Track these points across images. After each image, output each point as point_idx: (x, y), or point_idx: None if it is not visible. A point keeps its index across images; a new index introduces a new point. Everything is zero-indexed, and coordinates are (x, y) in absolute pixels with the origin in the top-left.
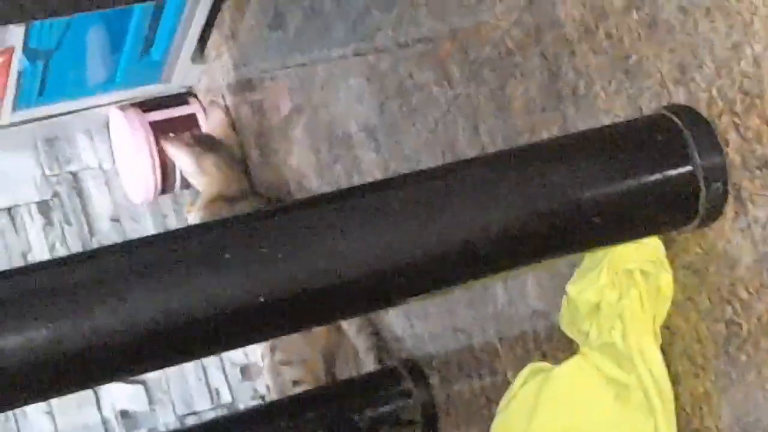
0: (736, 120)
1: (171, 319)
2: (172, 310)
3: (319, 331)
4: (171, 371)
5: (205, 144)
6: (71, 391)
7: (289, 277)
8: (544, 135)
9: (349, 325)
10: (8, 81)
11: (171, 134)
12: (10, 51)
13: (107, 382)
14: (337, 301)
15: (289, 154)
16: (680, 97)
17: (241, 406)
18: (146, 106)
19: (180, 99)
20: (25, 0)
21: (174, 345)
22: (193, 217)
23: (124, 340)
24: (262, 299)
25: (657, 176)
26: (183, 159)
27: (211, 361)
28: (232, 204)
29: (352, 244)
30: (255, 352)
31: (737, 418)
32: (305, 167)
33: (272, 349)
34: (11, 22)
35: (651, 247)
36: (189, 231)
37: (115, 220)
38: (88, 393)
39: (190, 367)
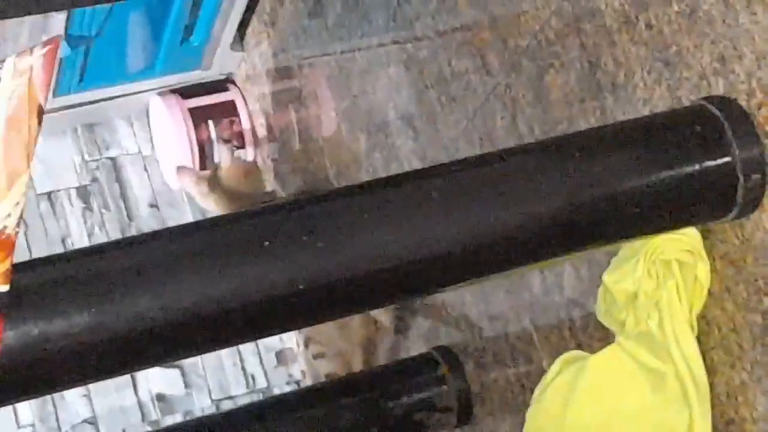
0: None
1: (210, 305)
2: (211, 297)
3: (357, 323)
4: (207, 356)
5: (212, 183)
6: (111, 376)
7: (328, 264)
8: (583, 125)
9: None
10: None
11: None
12: (57, 39)
13: (147, 368)
14: (376, 289)
15: (328, 142)
16: (720, 89)
17: (276, 391)
18: (185, 92)
19: (219, 86)
20: None
21: (213, 332)
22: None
23: (164, 326)
24: (301, 286)
25: (695, 167)
26: (190, 190)
27: (246, 347)
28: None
29: (391, 233)
30: (291, 338)
31: None
32: (344, 155)
33: (306, 343)
34: (56, 9)
35: (688, 237)
36: (229, 219)
37: (154, 205)
38: (125, 377)
39: (226, 352)
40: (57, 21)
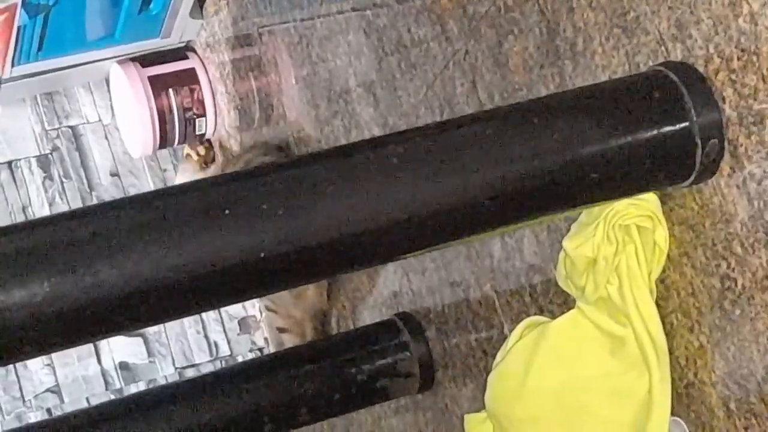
0: (733, 77)
1: (171, 274)
2: (172, 266)
3: (308, 291)
4: (170, 324)
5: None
6: (73, 345)
7: (288, 232)
8: (542, 91)
9: None
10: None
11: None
12: (12, 8)
13: (108, 337)
14: (337, 256)
15: (288, 109)
16: (677, 54)
17: (240, 359)
18: (145, 60)
19: (179, 54)
20: None
21: (173, 300)
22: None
23: (124, 295)
24: (262, 254)
25: (654, 133)
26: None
27: (209, 315)
28: None
29: (351, 200)
30: (254, 306)
31: (731, 371)
32: (304, 122)
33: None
34: None
35: (647, 202)
36: (189, 187)
37: (114, 174)
38: (87, 346)
39: (189, 320)
40: None
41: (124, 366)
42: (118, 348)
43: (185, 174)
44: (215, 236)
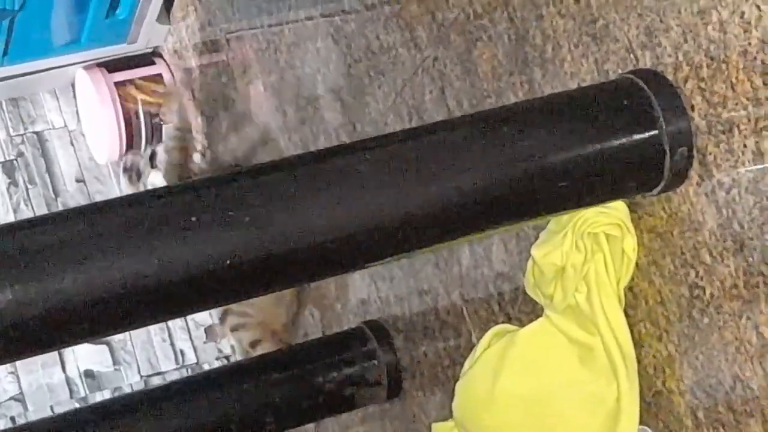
0: (702, 85)
1: (137, 282)
2: (138, 273)
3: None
4: (135, 332)
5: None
6: (36, 354)
7: (256, 240)
8: (511, 99)
9: None
10: None
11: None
12: None
13: (72, 345)
14: (305, 264)
15: (256, 115)
16: (647, 62)
17: (206, 367)
18: (112, 66)
19: (146, 59)
20: None
21: (140, 308)
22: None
23: (89, 303)
24: (228, 262)
25: (623, 141)
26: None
27: (175, 322)
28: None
29: (319, 208)
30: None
31: (699, 380)
32: (272, 129)
33: (223, 317)
34: None
35: (616, 210)
36: (155, 194)
37: (80, 180)
38: (52, 353)
39: (154, 328)
40: None
41: (89, 374)
42: (83, 356)
43: None
44: (181, 244)
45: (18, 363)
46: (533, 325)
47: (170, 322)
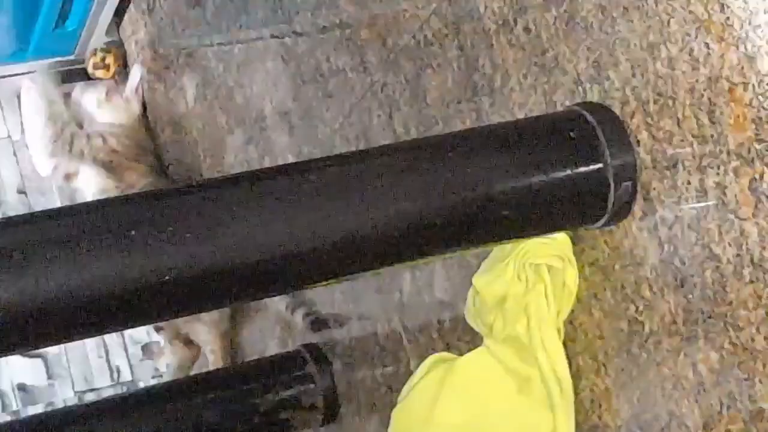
0: (649, 120)
1: (73, 294)
2: (74, 285)
3: (216, 314)
4: (71, 347)
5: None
6: None
7: (196, 256)
8: (459, 126)
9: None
10: None
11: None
12: None
13: (6, 355)
14: (244, 283)
15: (202, 133)
16: (594, 95)
17: (142, 385)
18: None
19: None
20: None
21: (75, 321)
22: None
23: (23, 313)
24: (167, 277)
25: (567, 172)
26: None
27: (112, 338)
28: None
29: (260, 226)
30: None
31: (635, 414)
32: (218, 147)
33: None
34: None
35: (559, 242)
36: (95, 205)
37: (22, 191)
38: None
39: (91, 344)
40: None
41: (22, 387)
42: (17, 368)
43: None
44: (119, 257)
45: None
46: (472, 353)
47: (107, 338)
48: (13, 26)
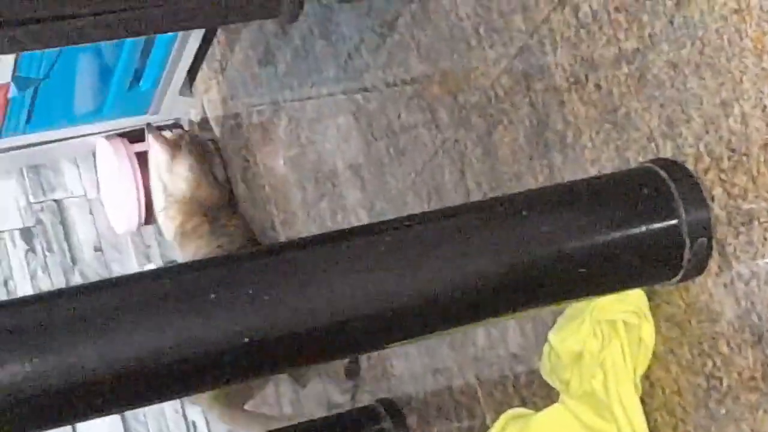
0: (723, 176)
1: (155, 357)
2: (156, 349)
3: None
4: None
5: (189, 148)
6: (52, 427)
7: (273, 318)
8: (531, 183)
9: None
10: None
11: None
12: (5, 87)
13: (88, 419)
14: (321, 344)
15: (275, 190)
16: (667, 152)
17: None
18: (133, 136)
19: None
20: (16, 31)
21: (157, 384)
22: (162, 218)
23: (106, 378)
24: (246, 340)
25: (642, 229)
26: (158, 152)
27: None
28: (208, 217)
29: (338, 288)
30: None
31: None
32: (290, 203)
33: None
34: (3, 52)
35: (634, 298)
36: (174, 270)
37: (98, 249)
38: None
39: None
40: (5, 62)
41: None
42: (96, 425)
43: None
44: (199, 320)
45: None
46: (549, 410)
47: None
48: (89, 87)
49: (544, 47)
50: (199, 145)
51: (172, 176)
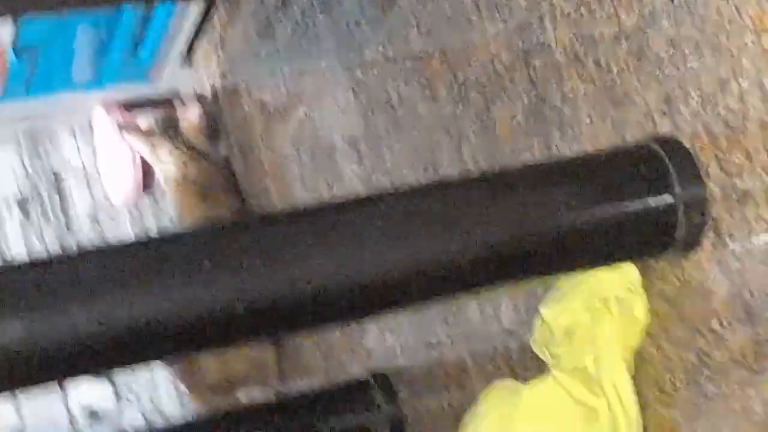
0: (719, 154)
1: (147, 321)
2: (149, 313)
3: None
4: (142, 373)
5: (164, 133)
6: (43, 385)
7: (268, 287)
8: (528, 159)
9: None
10: None
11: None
12: (5, 52)
13: (78, 377)
14: (316, 313)
15: (273, 162)
16: (665, 129)
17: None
18: (131, 105)
19: (165, 101)
20: None
21: (146, 347)
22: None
23: (99, 339)
24: (240, 307)
25: (637, 204)
26: (140, 148)
27: None
28: (203, 193)
29: (334, 258)
30: None
31: None
32: (288, 175)
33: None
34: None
35: (627, 274)
36: (170, 237)
37: (93, 218)
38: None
39: (161, 369)
40: (4, 29)
41: (90, 409)
42: (86, 390)
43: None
44: (193, 287)
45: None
46: (539, 382)
47: None
48: (88, 54)
49: (544, 23)
50: (175, 127)
51: (159, 164)
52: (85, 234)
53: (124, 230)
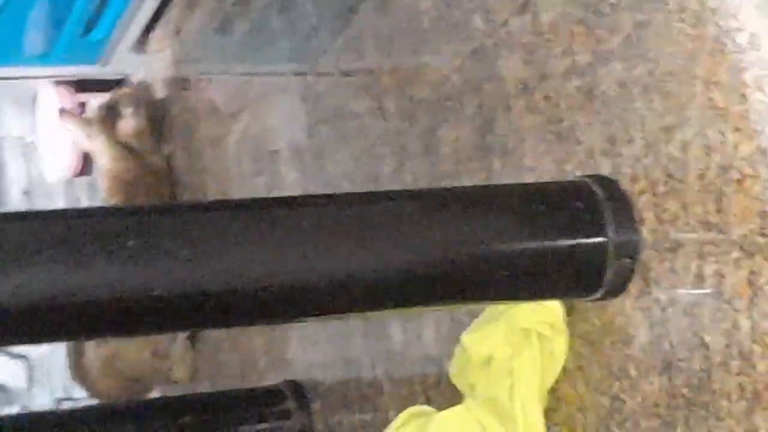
0: (656, 200)
1: (61, 296)
2: (63, 288)
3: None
4: (56, 354)
5: (103, 122)
6: None
7: (186, 275)
8: (467, 183)
9: None
10: None
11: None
12: None
13: None
14: (231, 308)
15: (214, 159)
16: (605, 169)
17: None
18: (79, 86)
19: (114, 85)
20: None
21: (57, 323)
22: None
23: (10, 311)
24: (155, 293)
25: (569, 242)
26: (77, 135)
27: None
28: (128, 191)
29: (257, 255)
30: None
31: None
32: (228, 175)
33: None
34: None
35: (551, 310)
36: (97, 211)
37: (27, 192)
38: None
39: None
40: None
41: (1, 387)
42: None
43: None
44: (112, 265)
45: None
46: (451, 410)
47: None
48: (40, 28)
49: (499, 50)
50: (111, 122)
51: (94, 153)
52: (17, 207)
53: (55, 207)
